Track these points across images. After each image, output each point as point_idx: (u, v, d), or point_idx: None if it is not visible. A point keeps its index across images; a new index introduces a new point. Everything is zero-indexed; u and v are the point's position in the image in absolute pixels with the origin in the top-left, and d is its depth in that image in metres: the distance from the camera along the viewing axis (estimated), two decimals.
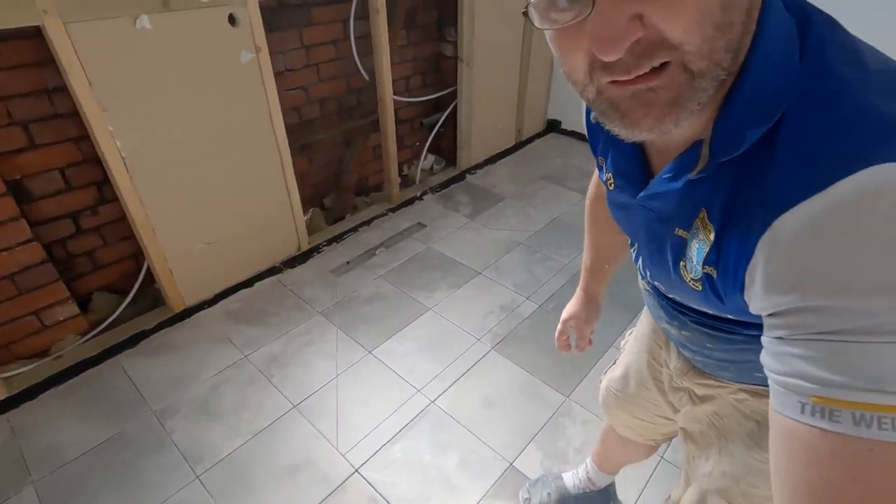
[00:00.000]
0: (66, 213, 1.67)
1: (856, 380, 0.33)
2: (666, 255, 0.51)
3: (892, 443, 0.32)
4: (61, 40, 1.30)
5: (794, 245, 0.35)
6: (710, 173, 0.42)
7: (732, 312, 0.49)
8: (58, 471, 1.37)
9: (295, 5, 2.00)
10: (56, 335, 1.70)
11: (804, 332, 0.35)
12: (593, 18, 0.34)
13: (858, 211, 0.33)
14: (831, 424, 0.33)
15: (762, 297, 0.38)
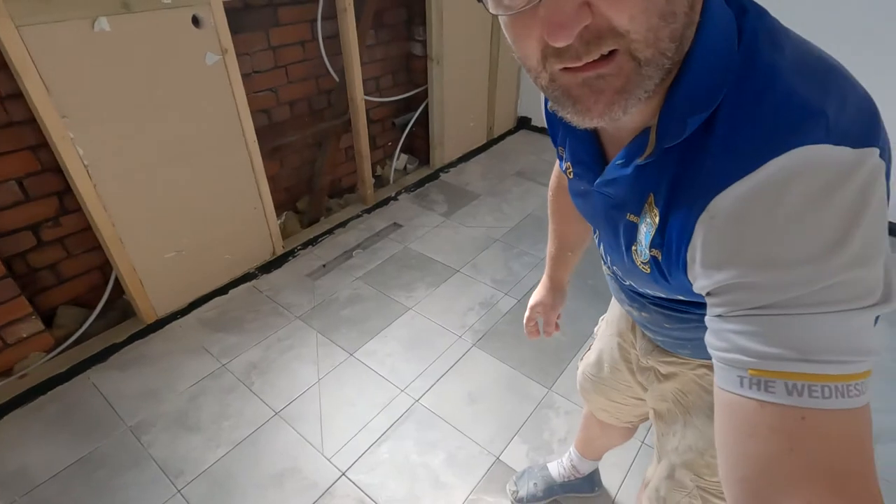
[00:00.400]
0: (25, 225, 1.60)
1: (787, 350, 0.34)
2: (620, 240, 0.53)
3: (822, 410, 0.34)
4: (14, 44, 1.25)
5: (726, 223, 0.38)
6: (657, 159, 0.44)
7: (681, 293, 0.52)
8: (28, 494, 1.31)
9: (261, 6, 1.97)
10: (20, 353, 1.63)
11: (739, 308, 0.37)
12: (545, 4, 0.35)
13: (779, 191, 0.35)
14: (767, 395, 0.35)
15: (701, 274, 0.41)
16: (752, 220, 0.37)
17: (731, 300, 0.38)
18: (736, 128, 0.38)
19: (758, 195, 0.36)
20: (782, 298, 0.35)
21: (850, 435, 0.37)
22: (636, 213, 0.49)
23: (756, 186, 0.36)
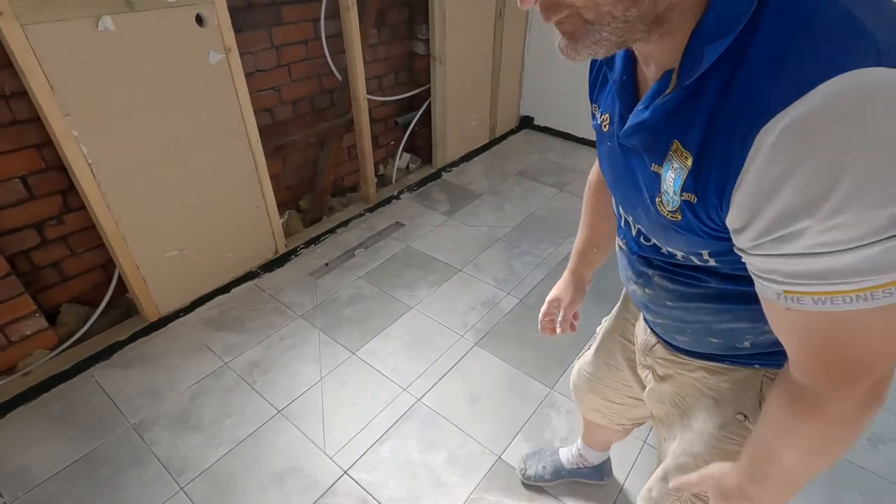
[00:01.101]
0: (29, 222, 1.60)
1: (815, 278, 0.41)
2: (643, 195, 0.54)
3: (839, 311, 0.41)
4: (19, 43, 1.25)
5: (774, 153, 0.38)
6: (683, 101, 0.45)
7: (703, 246, 0.53)
8: (31, 492, 1.31)
9: (264, 4, 1.97)
10: (23, 350, 1.63)
11: (776, 253, 0.42)
12: None
13: (834, 115, 0.35)
14: (799, 305, 0.43)
15: (750, 211, 0.42)
16: (796, 153, 0.37)
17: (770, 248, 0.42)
18: (784, 51, 0.37)
19: (807, 123, 0.36)
20: (816, 242, 0.39)
21: (873, 329, 0.42)
22: (659, 163, 0.50)
23: (806, 113, 0.36)
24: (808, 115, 0.36)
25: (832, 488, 1.34)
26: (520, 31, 3.09)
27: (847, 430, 0.49)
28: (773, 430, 0.55)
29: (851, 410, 0.47)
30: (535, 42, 3.17)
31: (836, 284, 0.40)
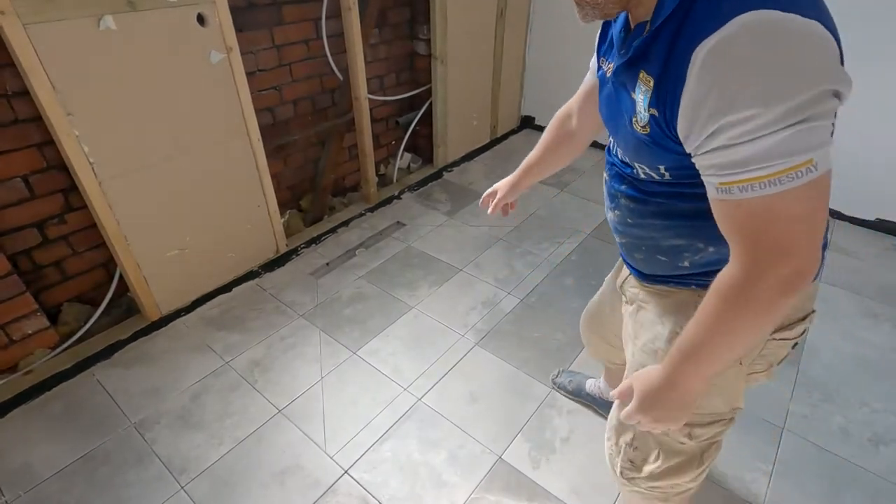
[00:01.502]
0: (30, 222, 1.60)
1: (737, 167, 0.53)
2: (624, 120, 0.69)
3: (757, 197, 0.53)
4: (21, 42, 1.25)
5: (702, 69, 0.53)
6: (650, 39, 0.60)
7: (663, 160, 0.67)
8: (32, 490, 1.32)
9: (265, 4, 1.97)
10: (24, 349, 1.64)
11: (709, 148, 0.55)
12: None
13: (750, 29, 0.50)
14: (729, 195, 0.55)
15: (690, 117, 0.56)
16: (717, 67, 0.52)
17: (707, 144, 0.55)
18: (709, 9, 0.53)
19: (726, 43, 0.51)
20: (734, 133, 0.52)
21: (785, 212, 0.54)
22: (633, 91, 0.64)
23: (725, 36, 0.51)
24: (727, 38, 0.51)
25: (833, 489, 1.34)
26: (521, 31, 3.08)
27: (768, 311, 0.58)
28: (702, 323, 0.63)
29: (773, 290, 0.56)
30: (536, 42, 3.17)
31: (752, 171, 0.52)
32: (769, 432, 1.48)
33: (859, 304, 1.97)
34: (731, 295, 0.59)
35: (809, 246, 0.55)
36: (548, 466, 1.39)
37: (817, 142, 0.51)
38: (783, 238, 0.54)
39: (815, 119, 0.50)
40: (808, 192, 0.52)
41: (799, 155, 0.51)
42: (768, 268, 0.55)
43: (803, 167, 0.51)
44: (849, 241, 2.35)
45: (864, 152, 2.32)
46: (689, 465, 0.84)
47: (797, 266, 0.55)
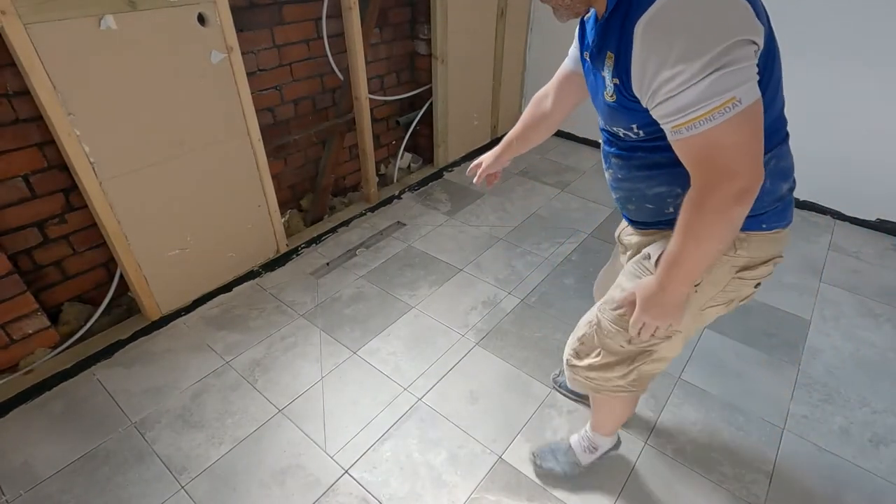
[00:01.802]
0: (31, 221, 1.61)
1: (681, 111, 0.68)
2: (601, 95, 0.84)
3: (699, 133, 0.67)
4: (21, 42, 1.25)
5: (642, 39, 0.68)
6: (605, 25, 0.76)
7: (633, 119, 0.81)
8: (32, 490, 1.32)
9: (266, 4, 1.97)
10: (25, 349, 1.64)
11: (657, 102, 0.70)
12: None
13: (658, 15, 0.66)
14: (681, 135, 0.70)
15: (636, 77, 0.72)
16: (649, 35, 0.67)
17: (655, 97, 0.70)
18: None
19: (657, 15, 0.66)
20: (674, 86, 0.67)
21: (722, 134, 0.67)
22: (603, 69, 0.80)
23: (656, 9, 0.66)
24: (657, 10, 0.66)
25: (833, 489, 1.34)
26: (521, 31, 3.08)
27: (722, 220, 0.72)
28: (678, 235, 0.78)
29: (726, 204, 0.70)
30: (536, 42, 3.17)
31: (692, 112, 0.67)
32: (769, 433, 1.48)
33: (860, 305, 1.97)
34: (694, 208, 0.74)
35: (749, 165, 0.69)
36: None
37: (737, 82, 0.65)
38: (727, 162, 0.69)
39: (732, 64, 0.64)
40: (738, 122, 0.66)
41: (723, 94, 0.64)
42: (719, 185, 0.70)
43: (729, 104, 0.65)
44: (849, 241, 2.35)
45: (865, 152, 2.32)
46: (620, 364, 1.02)
47: (742, 184, 0.69)
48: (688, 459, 1.41)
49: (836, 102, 2.30)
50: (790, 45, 2.30)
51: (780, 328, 1.85)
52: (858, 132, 2.30)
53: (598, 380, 1.06)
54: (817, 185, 2.51)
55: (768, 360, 1.72)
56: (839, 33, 2.18)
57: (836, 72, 2.25)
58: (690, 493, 1.33)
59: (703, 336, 1.81)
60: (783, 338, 1.81)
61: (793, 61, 2.32)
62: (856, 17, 2.12)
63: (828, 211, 2.53)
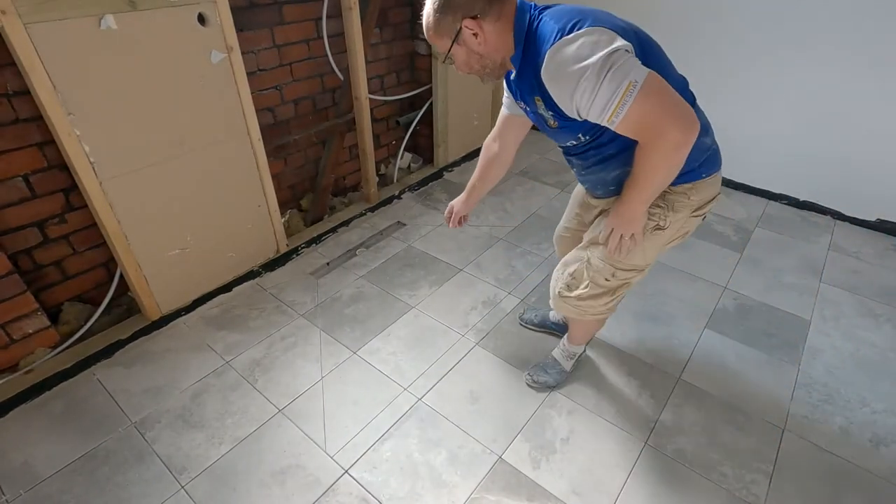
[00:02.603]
0: (31, 221, 1.60)
1: (605, 109, 0.90)
2: (546, 124, 1.09)
3: (626, 113, 0.88)
4: (21, 42, 1.25)
5: (545, 71, 0.92)
6: (519, 79, 1.05)
7: (576, 130, 1.06)
8: (32, 489, 1.32)
9: (266, 4, 1.97)
10: (25, 349, 1.64)
11: (586, 111, 0.93)
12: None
13: (552, 54, 0.90)
14: (617, 120, 0.90)
15: (565, 104, 0.96)
16: (549, 68, 0.92)
17: (573, 103, 0.94)
18: (535, 49, 0.95)
19: (549, 64, 0.91)
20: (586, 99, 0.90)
21: (640, 108, 0.88)
22: (539, 109, 1.06)
23: (546, 61, 0.91)
24: (548, 60, 0.91)
25: (833, 490, 1.34)
26: None
27: (665, 163, 0.95)
28: (636, 170, 1.01)
29: (667, 152, 0.93)
30: None
31: (610, 105, 0.88)
32: (769, 433, 1.48)
33: (860, 305, 1.97)
34: (645, 157, 0.97)
35: (672, 123, 0.89)
36: (548, 466, 1.39)
37: (625, 72, 0.86)
38: (654, 123, 0.90)
39: (615, 64, 0.86)
40: (644, 94, 0.87)
41: (622, 83, 0.86)
42: (657, 141, 0.92)
43: (630, 87, 0.86)
44: (849, 241, 2.35)
45: (865, 153, 2.32)
46: (605, 295, 1.28)
47: (673, 138, 0.90)
48: (688, 459, 1.41)
49: (836, 103, 2.30)
50: (791, 45, 2.31)
51: (780, 328, 1.86)
52: (858, 132, 2.30)
53: (586, 307, 1.31)
54: (817, 185, 2.51)
55: (768, 360, 1.72)
56: (840, 34, 2.18)
57: (836, 72, 2.25)
58: (690, 492, 1.33)
59: (703, 336, 1.81)
60: (783, 338, 1.81)
61: (793, 62, 2.33)
62: (856, 17, 2.12)
63: (828, 211, 2.53)
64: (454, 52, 1.02)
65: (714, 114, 2.67)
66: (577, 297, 1.29)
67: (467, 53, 1.02)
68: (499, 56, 1.03)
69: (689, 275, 2.12)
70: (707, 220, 2.50)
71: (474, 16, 0.97)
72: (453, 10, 0.97)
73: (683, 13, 2.55)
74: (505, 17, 0.98)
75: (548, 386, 1.61)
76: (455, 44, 1.00)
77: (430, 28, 1.02)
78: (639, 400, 1.58)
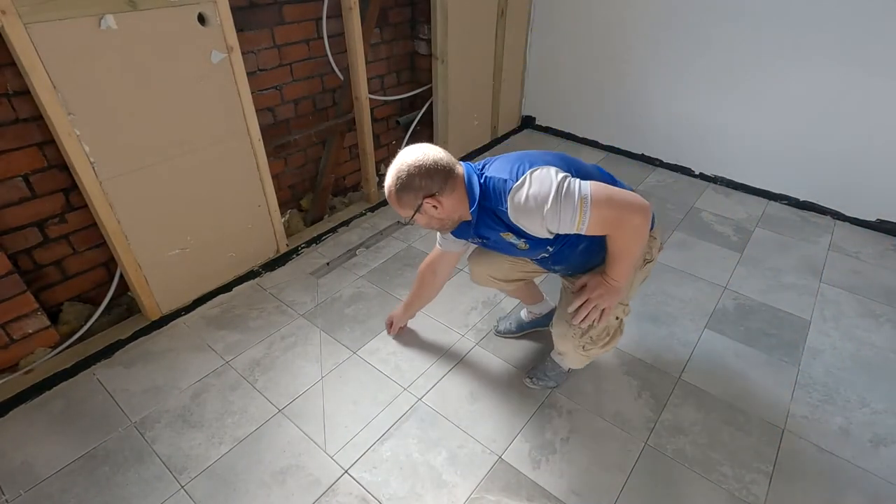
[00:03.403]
0: (31, 221, 1.60)
1: (571, 223, 1.08)
2: (514, 250, 1.28)
3: (590, 220, 1.09)
4: (21, 41, 1.25)
5: (513, 213, 1.13)
6: (482, 226, 1.23)
7: (545, 244, 1.22)
8: (32, 489, 1.32)
9: (266, 4, 1.97)
10: (25, 348, 1.64)
11: (555, 229, 1.12)
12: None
13: (513, 203, 1.12)
14: (584, 227, 1.10)
15: (535, 230, 1.14)
16: (514, 207, 1.12)
17: (548, 230, 1.13)
18: (495, 198, 1.15)
19: (511, 208, 1.12)
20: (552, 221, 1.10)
21: (602, 210, 1.08)
22: (507, 238, 1.23)
23: (512, 210, 1.12)
24: (512, 207, 1.12)
25: (833, 490, 1.34)
26: (522, 31, 3.08)
27: (634, 238, 1.15)
28: (612, 251, 1.19)
29: (632, 231, 1.13)
30: (537, 42, 3.17)
31: (575, 218, 1.07)
32: (769, 433, 1.48)
33: (860, 305, 1.97)
34: (618, 242, 1.17)
35: (627, 212, 1.09)
36: (548, 466, 1.39)
37: (574, 192, 1.07)
38: (615, 220, 1.10)
39: (564, 189, 1.07)
40: (596, 203, 1.07)
41: (576, 202, 1.06)
42: (623, 229, 1.12)
43: (583, 202, 1.06)
44: (849, 241, 2.35)
45: (865, 153, 2.32)
46: (617, 334, 1.39)
47: (633, 222, 1.10)
48: (688, 459, 1.41)
49: (836, 103, 2.30)
50: (791, 45, 2.31)
51: (780, 328, 1.85)
52: (859, 132, 2.30)
53: (608, 349, 1.41)
54: (817, 186, 2.51)
55: (768, 360, 1.72)
56: (840, 34, 2.18)
57: (836, 72, 2.25)
58: (690, 493, 1.33)
59: (702, 336, 1.81)
60: (783, 338, 1.81)
61: (794, 62, 2.33)
62: (857, 18, 2.12)
63: (828, 211, 2.53)
64: (416, 219, 1.19)
65: (715, 114, 2.69)
66: (602, 346, 1.37)
67: (428, 220, 1.20)
68: (456, 215, 1.21)
69: (689, 275, 2.12)
70: (707, 221, 2.50)
71: (433, 194, 1.14)
72: (414, 191, 1.14)
73: (685, 14, 2.55)
74: (458, 185, 1.16)
75: (548, 387, 1.61)
76: (417, 213, 1.17)
77: (391, 199, 1.18)
78: (639, 400, 1.58)
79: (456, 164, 1.19)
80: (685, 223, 2.48)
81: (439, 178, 1.14)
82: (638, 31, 2.73)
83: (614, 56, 2.87)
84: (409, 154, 1.17)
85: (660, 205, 2.63)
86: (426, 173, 1.13)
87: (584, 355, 1.39)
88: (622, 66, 2.87)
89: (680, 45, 2.63)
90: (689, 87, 2.67)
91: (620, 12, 2.74)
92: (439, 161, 1.15)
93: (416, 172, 1.14)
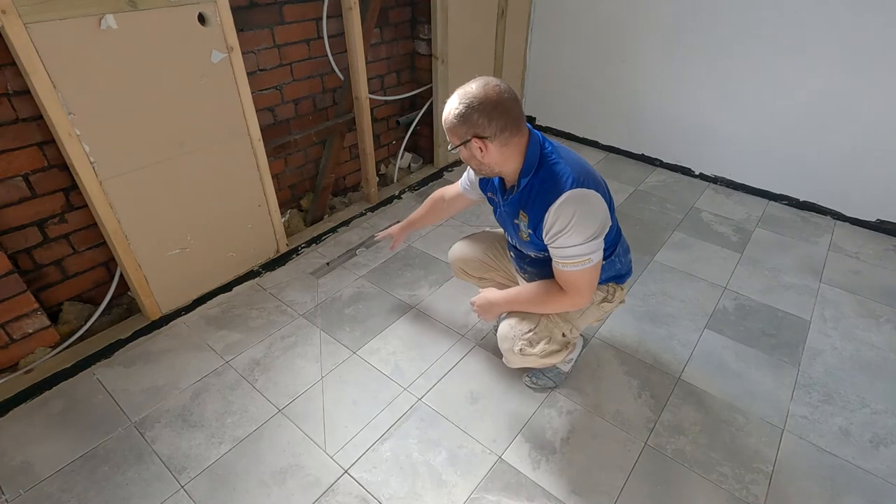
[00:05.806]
0: (31, 221, 1.61)
1: (561, 258, 1.18)
2: (515, 231, 1.31)
3: (569, 271, 1.19)
4: (22, 41, 1.25)
5: (553, 217, 1.15)
6: (518, 196, 1.23)
7: (539, 248, 1.26)
8: (32, 489, 1.32)
9: (266, 4, 1.97)
10: (25, 348, 1.64)
11: (552, 247, 1.20)
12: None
13: (568, 198, 1.13)
14: (559, 267, 1.21)
15: (546, 233, 1.18)
16: (556, 219, 1.14)
17: (552, 245, 1.19)
18: (552, 181, 1.15)
19: (561, 206, 1.13)
20: (559, 241, 1.16)
21: (582, 275, 1.19)
22: (517, 219, 1.26)
23: (561, 202, 1.13)
24: (561, 203, 1.12)
25: (833, 490, 1.34)
26: (522, 31, 3.08)
27: (561, 306, 1.27)
28: (528, 294, 1.33)
29: (565, 305, 1.26)
30: (537, 42, 3.17)
31: (569, 260, 1.17)
32: (769, 433, 1.48)
33: (860, 305, 1.97)
34: (546, 292, 1.28)
35: (588, 293, 1.22)
36: (548, 466, 1.39)
37: (594, 249, 1.15)
38: (578, 287, 1.21)
39: (595, 239, 1.14)
40: (588, 271, 1.18)
41: (586, 256, 1.15)
42: (568, 295, 1.24)
43: (587, 260, 1.16)
44: (849, 242, 2.35)
45: (865, 153, 2.32)
46: (561, 351, 1.40)
47: (579, 301, 1.24)
48: (688, 459, 1.41)
49: (836, 103, 2.30)
50: (791, 46, 2.31)
51: (780, 328, 1.86)
52: (859, 133, 2.30)
53: (547, 360, 1.40)
54: (817, 186, 2.51)
55: (768, 360, 1.72)
56: (840, 34, 2.18)
57: (836, 72, 2.25)
58: (690, 493, 1.33)
59: (702, 336, 1.81)
60: (783, 338, 1.81)
61: (794, 62, 2.33)
62: (857, 18, 2.12)
63: (828, 211, 2.53)
64: (460, 150, 1.18)
65: (715, 114, 2.69)
66: (539, 354, 1.35)
67: (469, 156, 1.18)
68: (496, 167, 1.20)
69: (689, 275, 2.12)
70: (707, 221, 2.50)
71: (484, 136, 1.11)
72: (468, 125, 1.11)
73: (685, 14, 2.55)
74: (514, 146, 1.15)
75: (548, 387, 1.62)
76: (462, 146, 1.16)
77: (446, 124, 1.16)
78: (639, 400, 1.58)
79: (523, 124, 1.15)
80: (685, 223, 2.48)
81: (499, 124, 1.09)
82: (638, 31, 2.73)
83: (614, 56, 2.88)
84: (483, 86, 1.09)
85: (660, 205, 2.63)
86: (489, 114, 1.08)
87: (520, 357, 1.38)
88: (622, 66, 2.88)
89: (680, 44, 2.63)
90: (689, 87, 2.67)
91: (621, 12, 2.74)
92: (509, 111, 1.10)
93: (480, 108, 1.08)
